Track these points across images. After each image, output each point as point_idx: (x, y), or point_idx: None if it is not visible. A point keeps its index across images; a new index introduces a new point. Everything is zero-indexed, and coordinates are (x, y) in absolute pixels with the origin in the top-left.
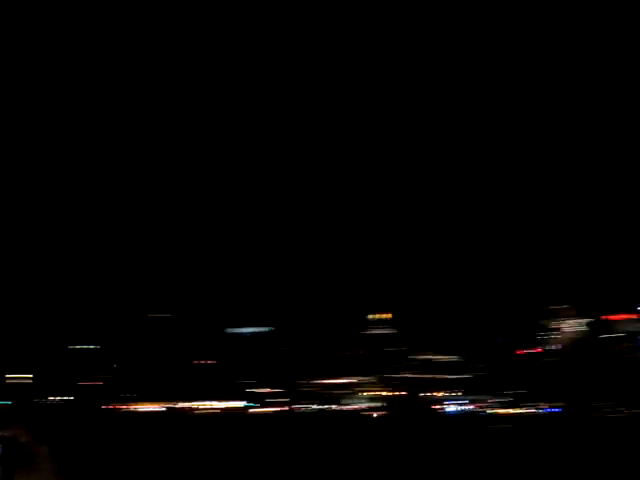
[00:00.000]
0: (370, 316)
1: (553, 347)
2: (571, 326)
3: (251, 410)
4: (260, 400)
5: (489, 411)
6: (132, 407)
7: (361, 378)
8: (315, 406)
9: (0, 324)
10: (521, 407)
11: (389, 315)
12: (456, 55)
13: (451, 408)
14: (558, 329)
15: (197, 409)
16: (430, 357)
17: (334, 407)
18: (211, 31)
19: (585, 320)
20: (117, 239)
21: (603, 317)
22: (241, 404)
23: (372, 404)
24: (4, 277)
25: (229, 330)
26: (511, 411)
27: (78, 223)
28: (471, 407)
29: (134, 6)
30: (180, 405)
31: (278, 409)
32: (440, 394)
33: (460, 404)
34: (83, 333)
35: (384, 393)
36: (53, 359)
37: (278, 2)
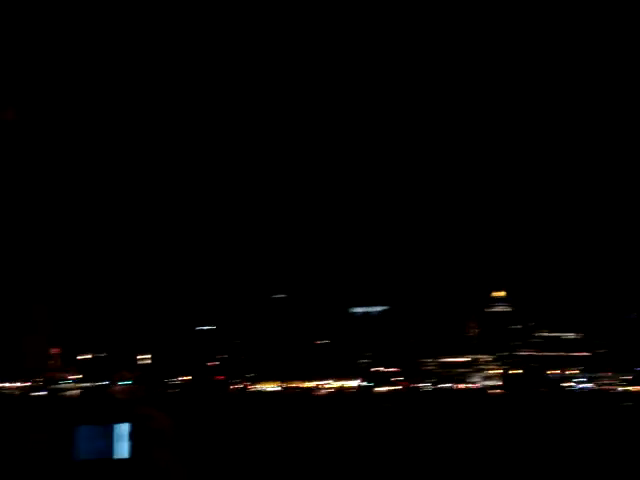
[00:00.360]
0: (489, 294)
1: None
2: None
3: (369, 389)
4: (378, 379)
5: (619, 389)
6: (251, 386)
7: (480, 356)
8: (433, 384)
9: (124, 308)
10: None
11: (504, 293)
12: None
13: (576, 385)
14: None
15: (314, 388)
16: (552, 335)
17: (453, 385)
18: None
19: None
20: (236, 225)
21: None
22: (359, 383)
23: (491, 382)
24: (130, 263)
25: (346, 310)
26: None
27: (199, 215)
28: (595, 385)
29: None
30: (297, 384)
31: (396, 388)
32: (566, 372)
33: (585, 382)
34: (203, 315)
35: (503, 371)
36: (174, 340)
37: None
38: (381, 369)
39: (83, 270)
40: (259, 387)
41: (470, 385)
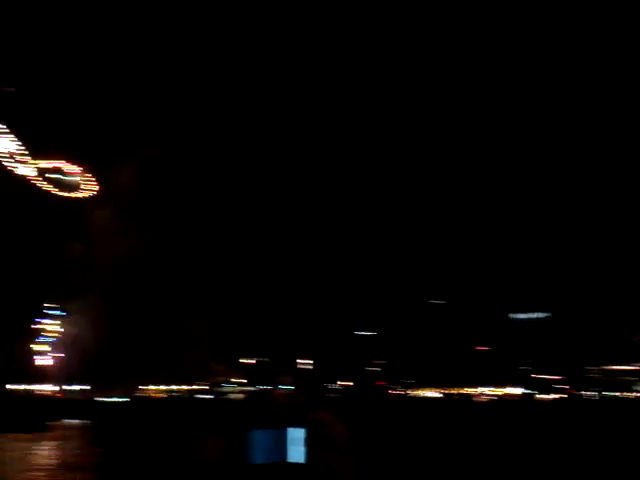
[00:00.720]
0: None
1: None
2: None
3: (531, 396)
4: (540, 386)
5: None
6: (410, 392)
7: None
8: (598, 393)
9: (286, 313)
10: None
11: None
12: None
13: None
14: None
15: (475, 395)
16: None
17: (619, 394)
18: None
19: None
20: (397, 232)
21: None
22: (520, 391)
23: None
24: (292, 270)
25: (507, 316)
26: None
27: (360, 222)
28: None
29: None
30: (458, 391)
31: (559, 396)
32: None
33: None
34: (362, 320)
35: None
36: (334, 345)
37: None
38: (543, 376)
39: (245, 278)
40: (419, 393)
41: (637, 394)
